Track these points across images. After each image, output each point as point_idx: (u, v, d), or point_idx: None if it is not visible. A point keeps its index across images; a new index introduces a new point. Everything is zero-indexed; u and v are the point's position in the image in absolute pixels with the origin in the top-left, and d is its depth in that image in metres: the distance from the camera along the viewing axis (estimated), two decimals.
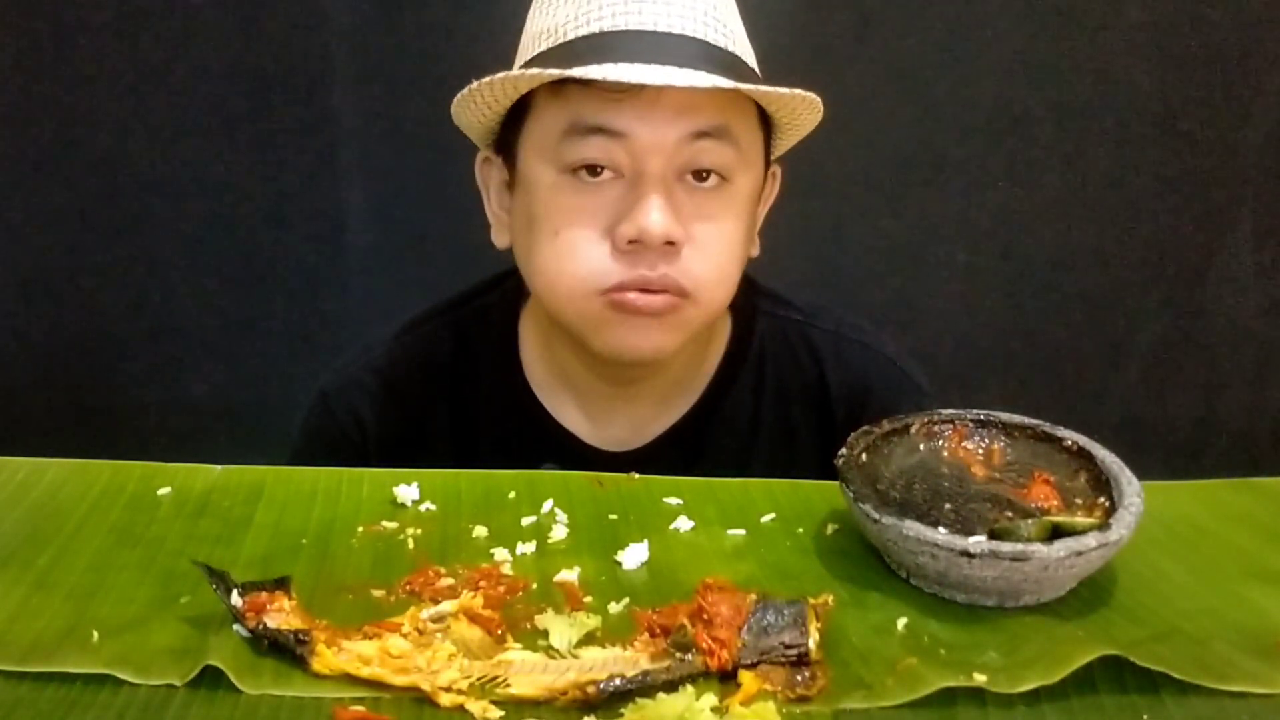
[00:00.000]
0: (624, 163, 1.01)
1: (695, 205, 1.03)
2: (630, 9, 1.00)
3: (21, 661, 0.72)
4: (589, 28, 1.01)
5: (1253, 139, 2.06)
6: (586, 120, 1.01)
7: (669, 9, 1.00)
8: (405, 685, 0.70)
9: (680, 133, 1.00)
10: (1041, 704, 0.71)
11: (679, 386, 1.19)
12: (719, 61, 1.00)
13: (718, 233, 1.04)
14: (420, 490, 0.95)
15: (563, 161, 1.03)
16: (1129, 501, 0.83)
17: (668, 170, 1.01)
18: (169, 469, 0.98)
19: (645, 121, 1.00)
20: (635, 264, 1.02)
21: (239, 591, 0.75)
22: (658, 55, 0.98)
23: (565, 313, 1.07)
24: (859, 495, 0.84)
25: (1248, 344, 2.18)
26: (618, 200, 1.02)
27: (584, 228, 1.03)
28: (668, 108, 0.99)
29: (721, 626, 0.73)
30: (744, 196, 1.07)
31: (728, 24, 1.03)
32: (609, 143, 1.01)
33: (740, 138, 1.04)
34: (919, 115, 2.03)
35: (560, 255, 1.04)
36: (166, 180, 2.00)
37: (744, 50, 1.06)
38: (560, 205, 1.04)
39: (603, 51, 0.99)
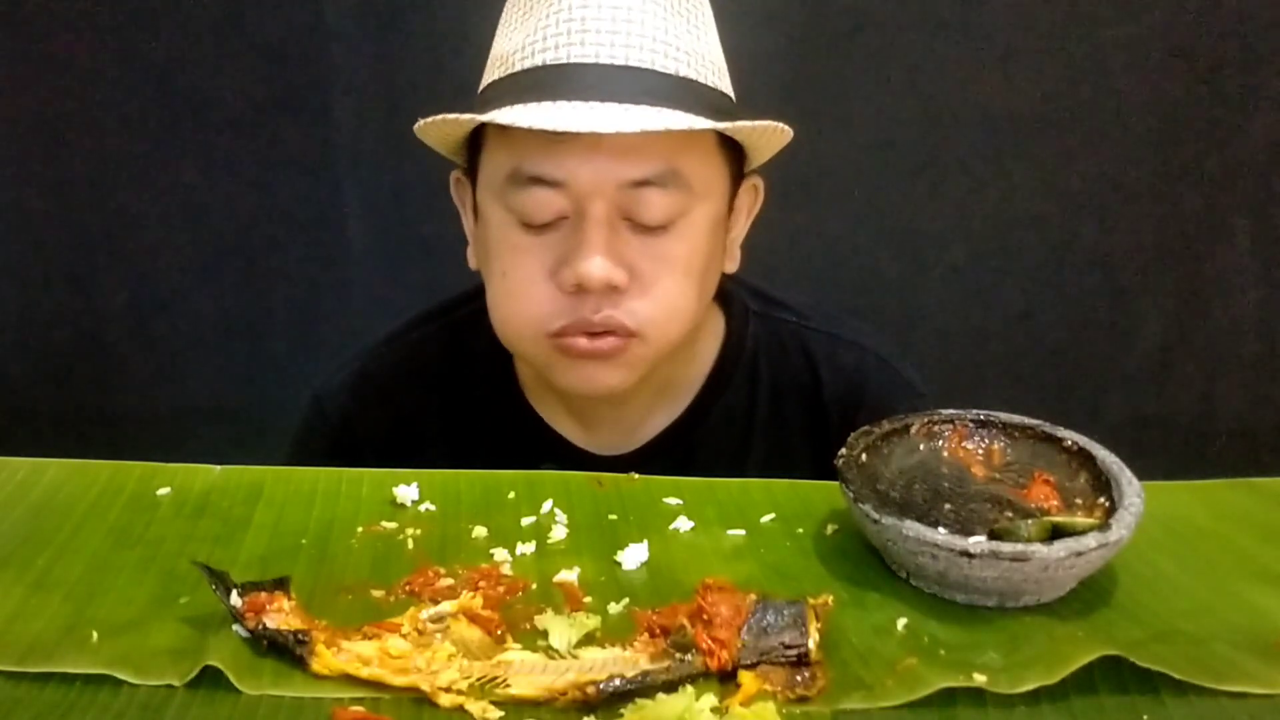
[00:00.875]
0: (567, 207, 1.00)
1: (642, 245, 1.01)
2: (574, 40, 0.97)
3: (20, 661, 0.72)
4: (533, 59, 0.99)
5: (1253, 139, 2.06)
6: (526, 169, 0.99)
7: (614, 39, 0.97)
8: (405, 686, 0.70)
9: (621, 178, 0.98)
10: (1041, 704, 0.71)
11: (671, 389, 1.18)
12: (667, 93, 0.98)
13: (666, 272, 1.02)
14: (420, 490, 0.95)
15: (508, 204, 1.02)
16: (1129, 502, 0.83)
17: (611, 212, 0.99)
18: (168, 469, 0.98)
19: (585, 166, 0.98)
20: (578, 307, 1.01)
21: (238, 592, 0.75)
22: (599, 92, 0.96)
23: (518, 350, 1.09)
24: (859, 495, 0.84)
25: (1247, 344, 2.18)
26: (562, 242, 1.01)
27: (529, 270, 1.02)
28: (608, 151, 0.97)
29: (721, 627, 0.73)
30: (700, 229, 1.04)
31: (680, 44, 1.00)
32: (549, 192, 0.99)
33: (691, 177, 1.01)
34: (919, 116, 2.03)
35: (508, 296, 1.05)
36: (167, 182, 2.00)
37: (702, 68, 1.02)
38: (508, 245, 1.03)
39: (544, 88, 0.97)
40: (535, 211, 1.00)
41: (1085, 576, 0.82)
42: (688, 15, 1.02)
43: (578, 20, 0.98)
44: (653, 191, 0.99)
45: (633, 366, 1.06)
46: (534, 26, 1.00)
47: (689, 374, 1.19)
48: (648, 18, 0.98)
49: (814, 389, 1.20)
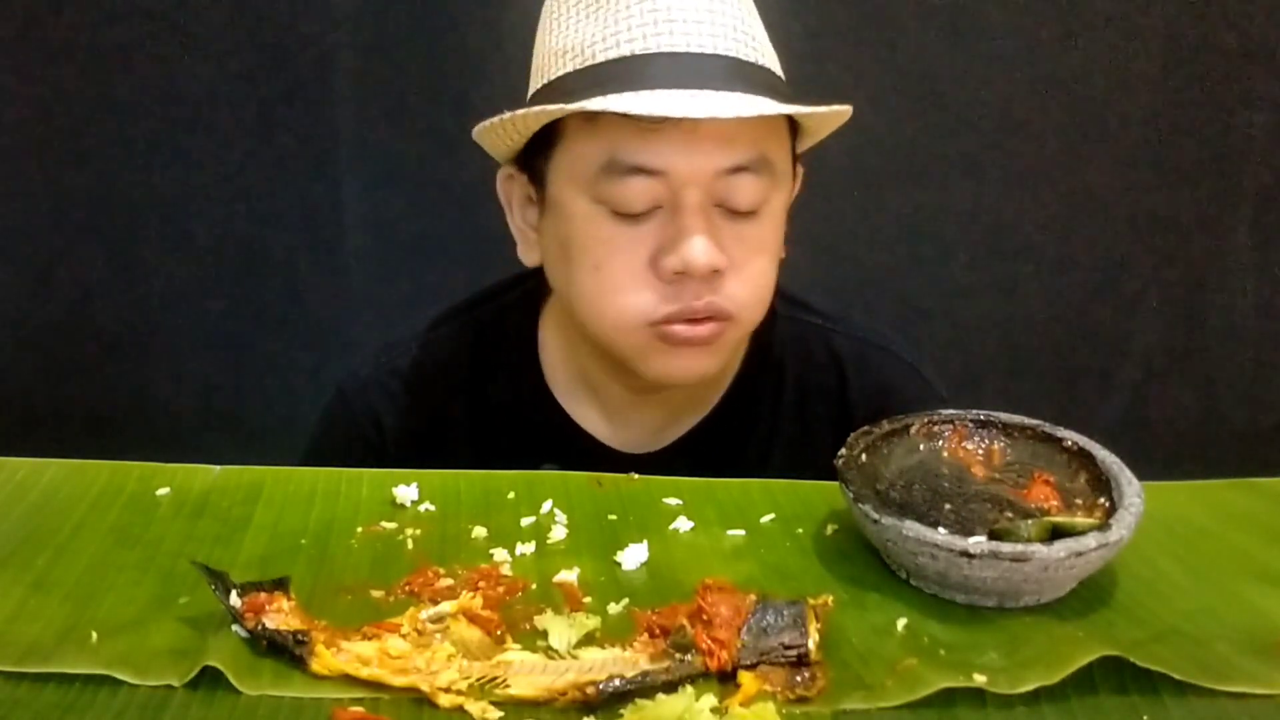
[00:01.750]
0: (664, 196, 1.00)
1: (735, 231, 1.02)
2: (661, 30, 0.98)
3: (20, 662, 0.72)
4: (618, 50, 0.99)
5: (1253, 139, 2.06)
6: (624, 159, 0.99)
7: (700, 28, 0.98)
8: (404, 686, 0.70)
9: (718, 166, 0.99)
10: (1041, 705, 0.71)
11: (700, 390, 1.18)
12: (754, 80, 0.99)
13: (756, 255, 1.04)
14: (419, 491, 0.95)
15: (599, 195, 1.01)
16: (1129, 502, 0.83)
17: (706, 199, 1.00)
18: (168, 469, 0.98)
19: (683, 155, 0.98)
20: (680, 294, 1.01)
21: (238, 592, 0.75)
22: (693, 80, 0.96)
23: (613, 343, 1.07)
24: (859, 496, 0.84)
25: (1247, 344, 2.18)
26: (658, 231, 1.01)
27: (626, 261, 1.02)
28: (706, 139, 0.98)
29: (721, 627, 0.73)
30: (780, 213, 1.07)
31: (755, 36, 1.02)
32: (647, 181, 0.99)
33: (776, 164, 1.03)
34: (919, 115, 2.03)
35: (604, 290, 1.04)
36: (167, 182, 2.00)
37: (772, 60, 1.04)
38: (599, 237, 1.03)
39: (635, 78, 0.97)
40: (632, 201, 1.00)
41: (1085, 577, 0.82)
42: (749, 7, 1.05)
43: (663, 10, 0.98)
44: (746, 178, 1.00)
45: (724, 350, 1.08)
46: (611, 18, 1.00)
47: (718, 375, 1.18)
48: (728, 8, 1.00)
49: (840, 391, 1.20)
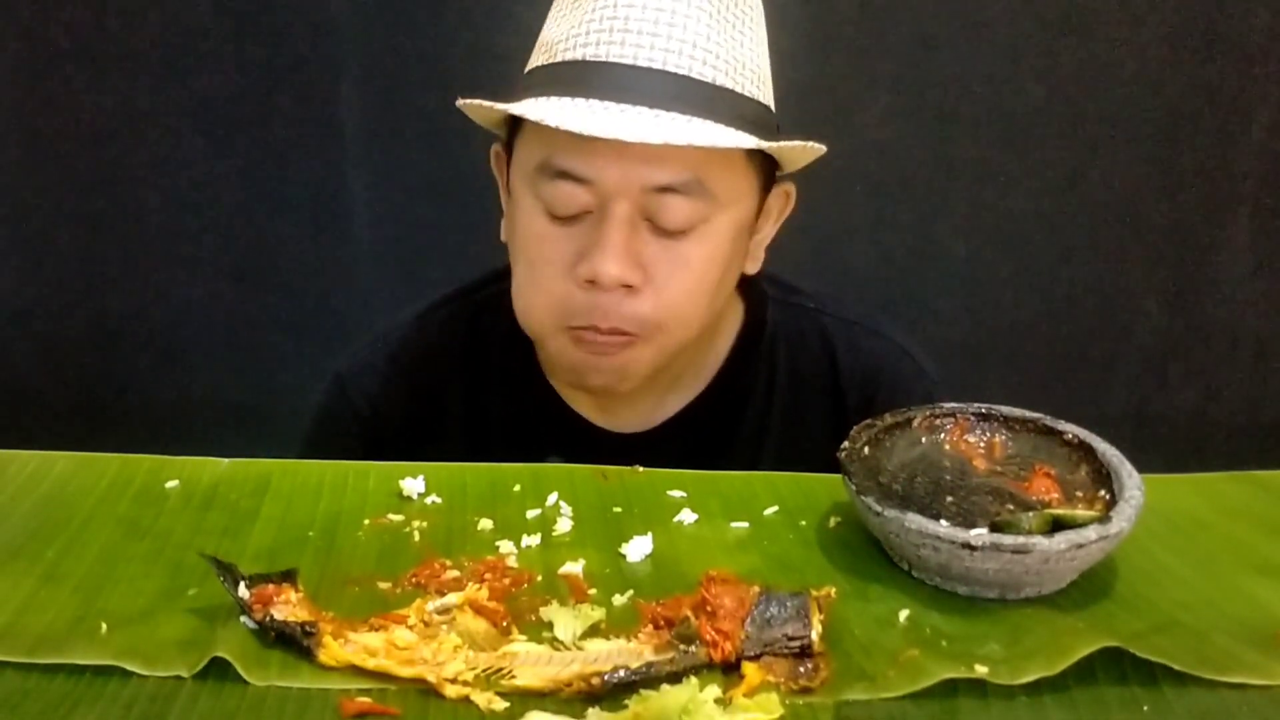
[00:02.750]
0: (591, 203, 1.01)
1: (660, 247, 1.02)
2: (614, 38, 0.98)
3: (30, 653, 0.72)
4: (574, 53, 1.00)
5: (1252, 139, 2.06)
6: (556, 162, 1.00)
7: (654, 41, 0.97)
8: (411, 677, 0.71)
9: (647, 182, 0.99)
10: (1043, 695, 0.71)
11: (690, 372, 1.19)
12: (700, 102, 0.98)
13: (680, 275, 1.03)
14: (426, 483, 0.95)
15: (537, 192, 1.03)
16: (1129, 494, 0.83)
17: (634, 212, 1.00)
18: (176, 462, 0.98)
19: (612, 168, 0.98)
20: (592, 308, 1.03)
21: (246, 584, 0.76)
22: (632, 94, 0.96)
23: (538, 339, 1.11)
24: (861, 488, 0.84)
25: (1247, 338, 2.19)
26: (584, 234, 1.02)
27: (551, 261, 1.04)
28: (636, 155, 0.97)
29: (725, 618, 0.73)
30: (720, 236, 1.04)
31: (721, 52, 1.00)
32: (575, 187, 1.00)
33: (715, 186, 1.01)
34: (921, 115, 2.03)
35: (530, 285, 1.07)
36: (173, 175, 2.00)
37: (741, 76, 1.01)
38: (533, 233, 1.05)
39: (579, 84, 0.98)
40: (561, 204, 1.02)
41: (1086, 568, 0.83)
42: (734, 21, 1.02)
43: (620, 19, 0.98)
44: (675, 198, 1.00)
45: (639, 363, 1.07)
46: (579, 19, 1.01)
47: (706, 359, 1.19)
48: (690, 22, 0.98)
49: (831, 374, 1.21)
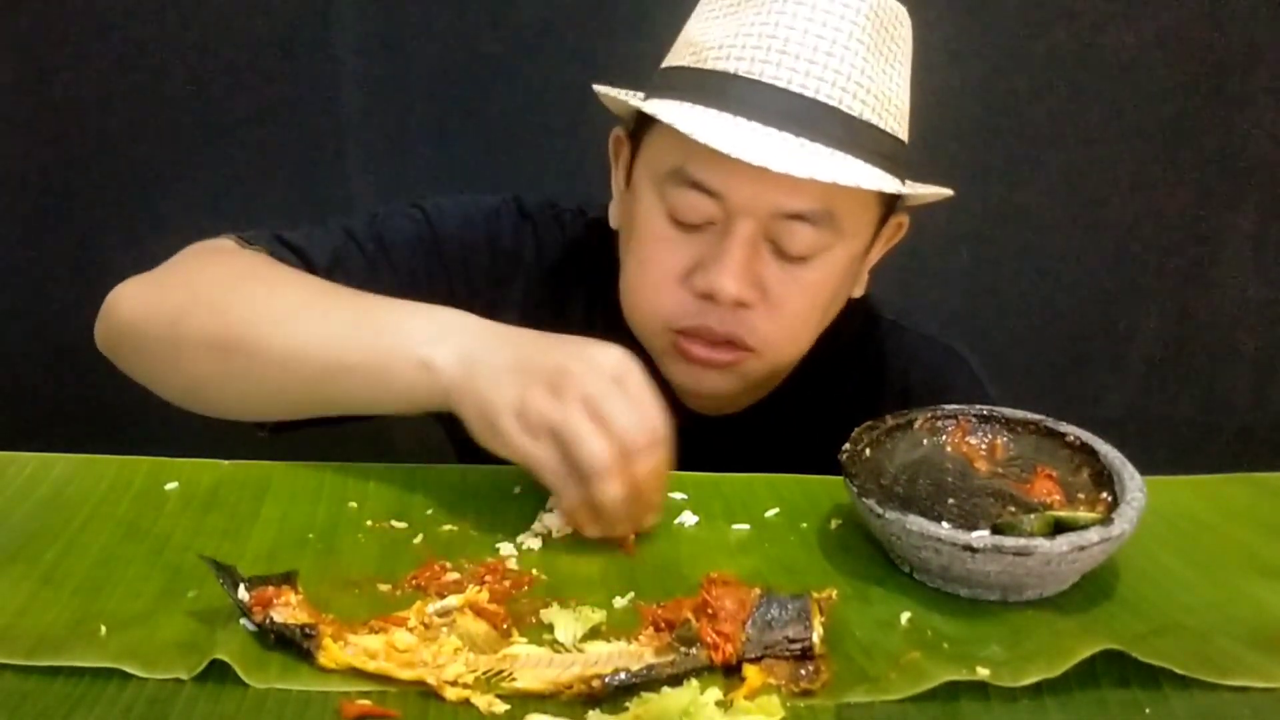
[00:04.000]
0: (717, 215, 1.01)
1: (780, 270, 1.02)
2: (770, 58, 0.97)
3: (29, 655, 0.72)
4: (727, 64, 0.99)
5: (1253, 141, 2.06)
6: (690, 172, 1.00)
7: (810, 68, 0.97)
8: (411, 679, 0.70)
9: (777, 207, 0.99)
10: (1044, 697, 0.71)
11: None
12: (845, 137, 0.97)
13: (796, 298, 1.04)
14: (427, 485, 0.95)
15: (663, 195, 1.03)
16: (1131, 496, 0.83)
17: (757, 233, 1.00)
18: (176, 464, 0.98)
19: (745, 187, 0.98)
20: (705, 313, 1.03)
21: (246, 586, 0.76)
22: (779, 119, 0.96)
23: (641, 337, 1.09)
24: (863, 490, 0.84)
25: (1249, 340, 2.18)
26: (705, 245, 1.02)
27: (668, 266, 1.04)
28: (772, 178, 0.95)
29: (726, 621, 0.74)
30: (839, 265, 1.05)
31: (872, 87, 0.99)
32: (705, 199, 1.00)
33: (843, 220, 1.01)
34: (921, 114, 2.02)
35: (643, 284, 1.07)
36: (173, 176, 2.00)
37: (886, 112, 1.01)
38: (653, 233, 1.05)
39: (728, 97, 0.97)
40: (687, 213, 1.02)
41: (1087, 570, 0.83)
42: (887, 55, 1.02)
43: (780, 40, 0.97)
44: (802, 226, 1.00)
45: (741, 379, 1.08)
46: (736, 28, 1.00)
47: None
48: (848, 54, 0.98)
49: (903, 387, 1.21)
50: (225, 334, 0.96)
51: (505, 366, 0.87)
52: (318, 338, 0.94)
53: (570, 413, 0.82)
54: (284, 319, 0.96)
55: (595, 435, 0.82)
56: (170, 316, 1.00)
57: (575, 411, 0.82)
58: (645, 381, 0.86)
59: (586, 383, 0.83)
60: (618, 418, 0.82)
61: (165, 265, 1.09)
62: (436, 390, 0.89)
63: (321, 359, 0.93)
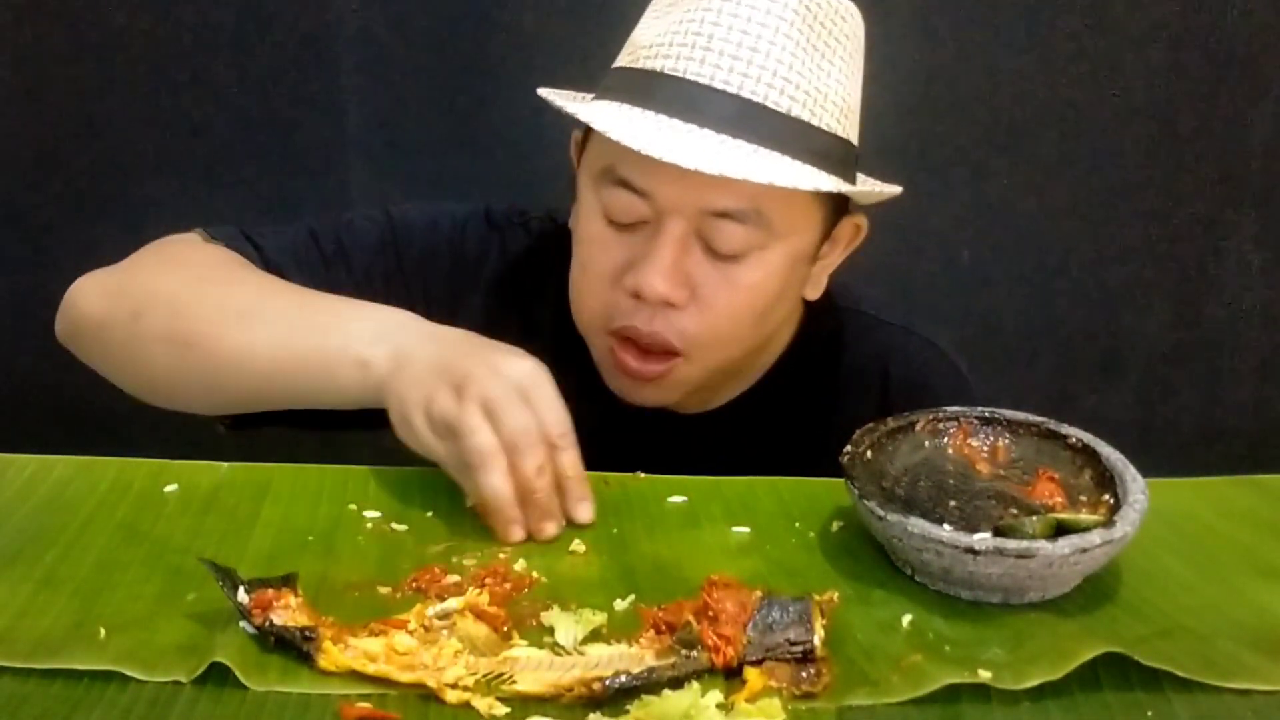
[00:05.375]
0: (649, 215, 1.01)
1: (711, 268, 1.02)
2: (694, 55, 0.97)
3: (28, 658, 0.72)
4: (655, 62, 0.99)
5: (1255, 140, 2.07)
6: (618, 170, 1.01)
7: (733, 64, 0.97)
8: (411, 682, 0.70)
9: (705, 205, 0.99)
10: (1046, 700, 0.71)
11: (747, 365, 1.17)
12: (771, 134, 0.97)
13: (728, 298, 1.03)
14: (426, 486, 0.95)
15: (599, 195, 1.04)
16: (1133, 498, 0.83)
17: (688, 232, 1.00)
18: (176, 466, 0.98)
19: (672, 186, 0.98)
20: (635, 312, 1.03)
21: (245, 588, 0.76)
22: (701, 115, 0.96)
23: (585, 338, 1.10)
24: (864, 492, 0.84)
25: (1251, 342, 2.19)
26: (639, 244, 1.02)
27: (603, 266, 1.05)
28: (697, 178, 0.94)
29: (727, 623, 0.74)
30: (775, 265, 1.04)
31: (803, 83, 0.98)
32: (634, 198, 1.00)
33: (773, 217, 1.00)
34: (922, 115, 2.03)
35: (581, 285, 1.08)
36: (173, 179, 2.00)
37: (821, 109, 1.00)
38: (590, 236, 1.05)
39: (654, 96, 0.98)
40: (619, 212, 1.02)
41: (1090, 573, 0.83)
42: (824, 51, 1.01)
43: (705, 36, 0.98)
44: (731, 224, 1.00)
45: (678, 387, 1.08)
46: (666, 27, 1.00)
47: (762, 356, 1.18)
48: (775, 49, 0.98)
49: (882, 381, 1.21)
50: (181, 331, 1.00)
51: (426, 367, 0.92)
52: (267, 337, 0.98)
53: (465, 411, 0.87)
54: (237, 318, 1.00)
55: (482, 430, 0.87)
56: (130, 312, 1.03)
57: (470, 410, 0.87)
58: (552, 391, 0.91)
59: (487, 386, 0.88)
60: (509, 418, 0.87)
61: (128, 260, 1.10)
62: (369, 387, 0.94)
63: (270, 357, 0.98)
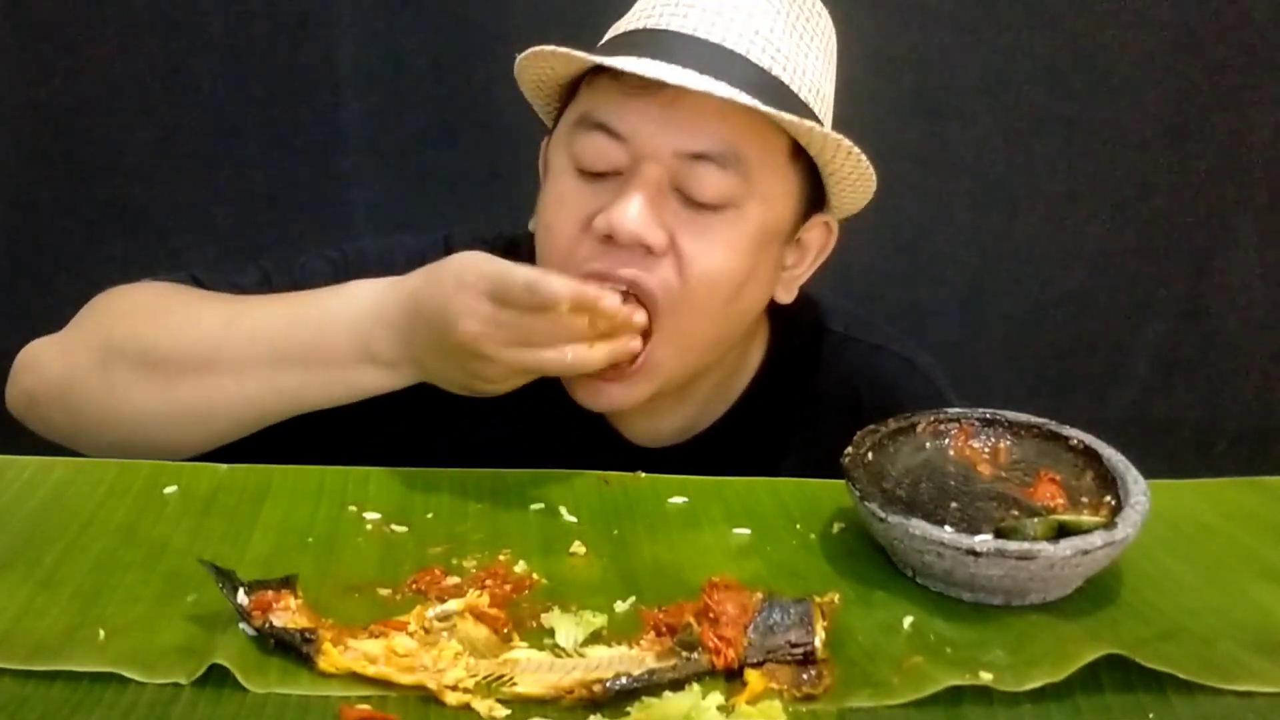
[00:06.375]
0: (623, 163, 1.00)
1: (688, 218, 0.99)
2: (678, 12, 1.00)
3: (28, 660, 0.72)
4: (637, 24, 1.02)
5: (1255, 142, 2.07)
6: (594, 115, 1.00)
7: (716, 19, 0.99)
8: (411, 684, 0.71)
9: (682, 146, 0.98)
10: (1047, 702, 0.72)
11: (716, 392, 1.17)
12: (750, 81, 0.97)
13: (703, 254, 1.00)
14: (427, 488, 0.95)
15: (570, 149, 1.03)
16: (1135, 500, 0.83)
17: (663, 178, 0.99)
18: (175, 467, 0.98)
19: (649, 124, 0.98)
20: (604, 254, 0.99)
21: (245, 590, 0.76)
22: (683, 59, 0.96)
23: None
24: (865, 494, 0.84)
25: (1252, 344, 2.19)
26: (609, 194, 1.00)
27: (571, 214, 1.02)
28: (676, 117, 0.97)
29: (728, 625, 0.74)
30: (751, 228, 1.01)
31: (783, 49, 1.00)
32: (609, 142, 1.00)
33: (752, 167, 1.00)
34: (923, 117, 2.03)
35: (545, 243, 1.05)
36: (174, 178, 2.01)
37: (798, 80, 1.01)
38: (558, 193, 1.03)
39: (634, 47, 0.99)
40: (591, 158, 1.01)
41: (1091, 575, 0.83)
42: (803, 32, 1.03)
43: (686, 3, 1.00)
44: (709, 168, 0.99)
45: (645, 379, 1.03)
46: (648, 2, 1.03)
47: (732, 381, 1.18)
48: (758, 14, 1.00)
49: (854, 400, 1.18)
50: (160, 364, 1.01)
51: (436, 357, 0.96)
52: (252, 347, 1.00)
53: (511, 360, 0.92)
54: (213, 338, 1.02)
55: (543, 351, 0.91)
56: (94, 364, 1.03)
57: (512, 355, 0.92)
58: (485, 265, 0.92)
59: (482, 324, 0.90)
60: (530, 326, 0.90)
61: (75, 319, 1.10)
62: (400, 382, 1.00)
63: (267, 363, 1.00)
